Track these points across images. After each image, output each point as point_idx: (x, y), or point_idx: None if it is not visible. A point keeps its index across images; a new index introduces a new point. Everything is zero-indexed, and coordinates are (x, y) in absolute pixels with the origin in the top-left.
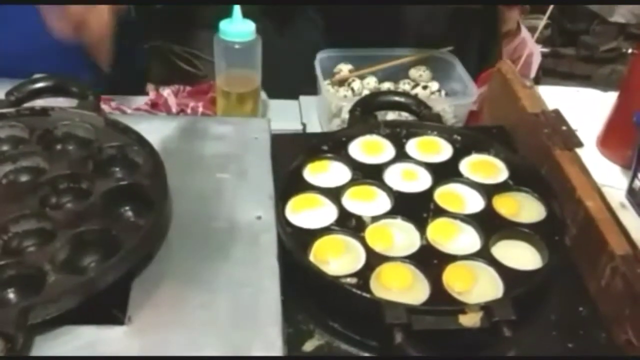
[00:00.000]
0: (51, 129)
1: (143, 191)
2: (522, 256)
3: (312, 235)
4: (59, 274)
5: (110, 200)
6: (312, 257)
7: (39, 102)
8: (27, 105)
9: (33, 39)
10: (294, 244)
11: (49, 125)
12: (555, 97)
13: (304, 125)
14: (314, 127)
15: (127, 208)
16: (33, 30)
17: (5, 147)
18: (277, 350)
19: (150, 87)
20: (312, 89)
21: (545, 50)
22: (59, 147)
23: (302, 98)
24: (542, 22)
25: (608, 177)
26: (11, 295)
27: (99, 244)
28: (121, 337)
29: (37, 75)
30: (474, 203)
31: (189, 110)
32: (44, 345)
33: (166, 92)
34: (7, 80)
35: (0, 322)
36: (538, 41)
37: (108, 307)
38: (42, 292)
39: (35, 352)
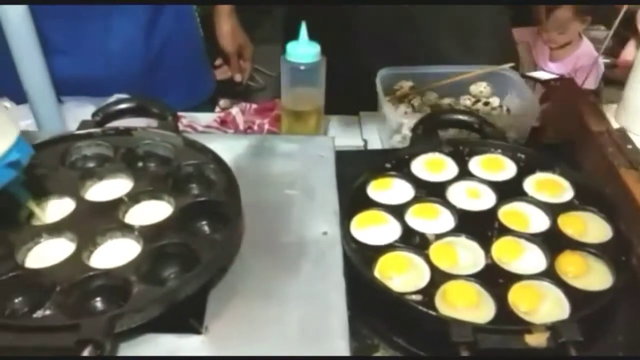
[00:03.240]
0: (134, 147)
1: (219, 207)
2: (589, 276)
3: (377, 251)
4: (142, 284)
5: (188, 216)
6: (377, 273)
7: (120, 122)
8: (110, 125)
9: (115, 61)
10: (359, 259)
11: (132, 144)
12: None
13: (365, 141)
14: (375, 143)
15: (203, 223)
16: (115, 54)
17: (91, 164)
18: None
19: (220, 101)
20: (372, 105)
21: (607, 60)
22: (140, 164)
23: (362, 114)
24: (606, 33)
25: None
26: (98, 304)
27: (178, 257)
28: (199, 346)
29: (118, 96)
30: (539, 222)
31: (255, 127)
32: (127, 352)
33: (234, 110)
34: (88, 99)
35: (90, 329)
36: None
37: (186, 317)
38: (129, 302)
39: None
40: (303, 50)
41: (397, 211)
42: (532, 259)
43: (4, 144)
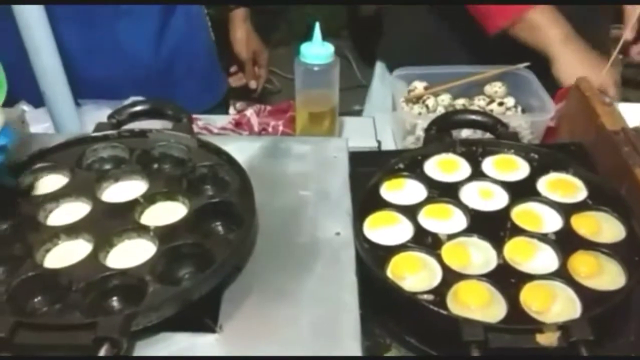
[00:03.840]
0: (149, 149)
1: (233, 208)
2: (602, 276)
3: (389, 251)
4: (157, 284)
5: (203, 216)
6: (389, 273)
7: (136, 124)
8: (126, 127)
9: (127, 65)
10: (372, 259)
11: (147, 146)
12: (636, 113)
13: (379, 142)
14: (388, 144)
15: (218, 223)
16: (133, 56)
17: (108, 166)
18: None
19: (233, 103)
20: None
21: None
22: (155, 166)
23: (376, 115)
24: (624, 31)
25: None
26: (114, 303)
27: (192, 257)
28: (213, 344)
29: (134, 98)
30: (552, 222)
31: (270, 129)
32: (143, 350)
33: (249, 112)
34: (105, 102)
35: (107, 328)
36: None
37: (201, 316)
38: (144, 301)
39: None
40: (317, 51)
41: (410, 211)
42: (544, 259)
43: None
